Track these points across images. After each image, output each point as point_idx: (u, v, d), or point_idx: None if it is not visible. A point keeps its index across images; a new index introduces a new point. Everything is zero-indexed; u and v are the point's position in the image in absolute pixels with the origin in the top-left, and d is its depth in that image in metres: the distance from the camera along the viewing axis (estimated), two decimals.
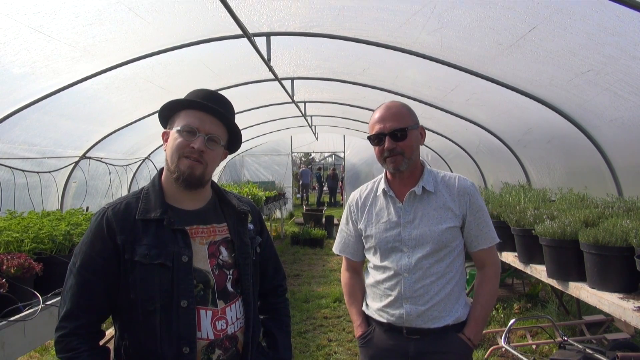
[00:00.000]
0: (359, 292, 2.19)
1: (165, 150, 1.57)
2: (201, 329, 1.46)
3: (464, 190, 1.98)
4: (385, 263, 2.00)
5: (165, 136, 1.59)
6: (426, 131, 2.08)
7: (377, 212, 2.05)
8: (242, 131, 1.70)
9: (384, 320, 2.00)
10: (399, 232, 1.96)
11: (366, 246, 2.11)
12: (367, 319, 2.11)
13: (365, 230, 2.08)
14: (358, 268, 2.23)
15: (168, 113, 1.59)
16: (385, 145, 1.93)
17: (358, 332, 2.11)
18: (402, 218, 1.97)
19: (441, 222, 1.93)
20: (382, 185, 2.06)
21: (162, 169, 1.61)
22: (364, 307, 2.14)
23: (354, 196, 2.17)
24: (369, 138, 2.01)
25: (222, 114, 1.56)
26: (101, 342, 1.48)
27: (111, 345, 1.52)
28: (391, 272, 1.97)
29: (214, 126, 1.55)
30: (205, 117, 1.54)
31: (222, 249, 1.58)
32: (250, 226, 1.69)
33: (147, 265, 1.43)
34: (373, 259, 2.07)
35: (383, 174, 2.10)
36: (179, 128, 1.52)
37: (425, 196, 1.97)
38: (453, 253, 1.96)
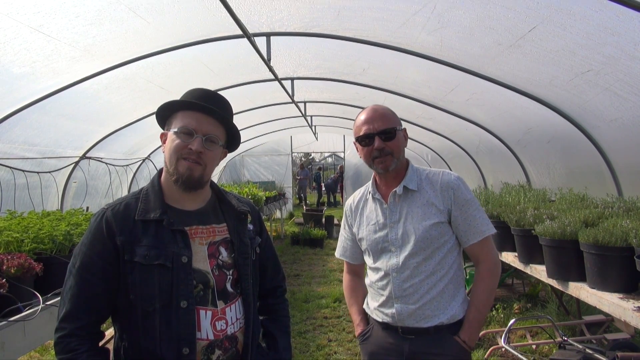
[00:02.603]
0: (359, 293, 2.22)
1: (163, 152, 1.56)
2: (201, 329, 1.46)
3: (447, 184, 1.96)
4: (377, 264, 2.03)
5: (163, 138, 1.58)
6: (426, 131, 2.10)
7: (367, 214, 2.09)
8: (242, 131, 1.70)
9: (380, 320, 2.03)
10: (387, 232, 1.99)
11: (361, 249, 2.15)
12: (367, 318, 2.15)
13: (358, 233, 2.12)
14: (358, 271, 2.26)
15: (165, 114, 1.58)
16: (375, 145, 1.94)
17: (358, 330, 2.15)
18: (389, 219, 1.99)
19: (425, 219, 1.92)
20: (371, 188, 2.09)
21: (161, 170, 1.61)
22: (364, 306, 2.17)
23: (349, 201, 2.22)
24: (357, 139, 2.01)
25: (219, 113, 1.55)
26: (101, 343, 1.48)
27: (111, 346, 1.52)
28: (382, 273, 2.00)
29: (211, 126, 1.54)
30: (203, 118, 1.52)
31: (222, 249, 1.58)
32: (250, 226, 1.70)
33: (146, 266, 1.43)
34: (368, 261, 2.11)
35: (372, 177, 2.12)
36: (176, 130, 1.51)
37: (410, 195, 1.98)
38: (442, 249, 1.94)
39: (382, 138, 1.93)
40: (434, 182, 1.99)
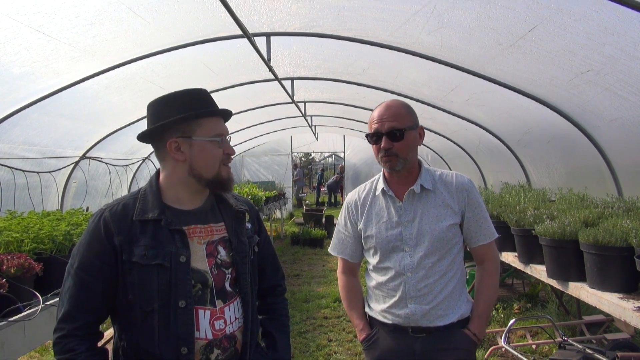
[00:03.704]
0: (358, 296, 2.18)
1: (181, 160, 1.51)
2: (199, 328, 1.46)
3: (461, 186, 1.99)
4: (387, 263, 1.99)
5: (179, 145, 1.51)
6: (426, 131, 2.09)
7: (377, 212, 2.04)
8: (242, 131, 1.76)
9: (389, 322, 1.99)
10: (400, 231, 1.96)
11: (366, 247, 2.09)
12: (370, 321, 2.10)
13: (365, 231, 2.06)
14: (355, 270, 2.23)
15: (182, 122, 1.51)
16: (382, 145, 1.93)
17: (362, 335, 2.09)
18: (403, 217, 1.97)
19: (441, 220, 1.94)
20: (381, 184, 2.05)
21: (158, 170, 1.61)
22: (366, 309, 2.12)
23: (352, 197, 2.16)
24: (367, 136, 2.01)
25: (230, 115, 1.62)
26: (100, 343, 1.48)
27: (110, 346, 1.52)
28: (393, 273, 1.97)
29: (226, 127, 1.62)
30: (222, 121, 1.60)
31: (220, 249, 1.58)
32: (248, 225, 1.69)
33: (144, 266, 1.43)
34: (373, 260, 2.05)
35: (381, 174, 2.09)
36: (213, 138, 1.53)
37: (424, 194, 1.98)
38: (454, 250, 1.96)
39: (390, 138, 1.91)
40: (449, 184, 2.00)
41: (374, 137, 1.96)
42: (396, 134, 1.91)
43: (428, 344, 1.94)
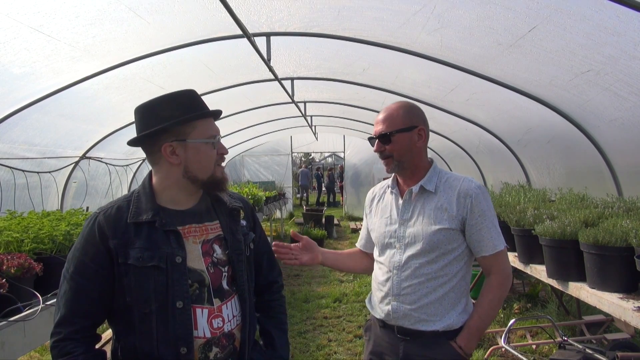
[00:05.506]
0: (357, 258, 2.34)
1: (176, 164, 1.50)
2: (198, 327, 1.47)
3: (465, 192, 1.90)
4: (382, 258, 2.04)
5: (174, 149, 1.50)
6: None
7: (382, 208, 2.11)
8: (242, 131, 1.75)
9: (378, 317, 2.04)
10: (395, 229, 1.99)
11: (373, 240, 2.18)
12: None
13: (370, 224, 2.15)
14: (370, 254, 2.27)
15: (175, 124, 1.50)
16: (374, 148, 2.02)
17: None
18: (400, 215, 1.99)
19: (435, 223, 1.89)
20: (390, 182, 2.12)
21: (151, 172, 1.60)
22: (366, 301, 2.19)
23: (371, 192, 2.26)
24: (369, 139, 2.10)
25: (220, 115, 1.61)
26: (98, 345, 1.48)
27: (108, 348, 1.52)
28: (385, 268, 2.01)
29: (217, 127, 1.62)
30: (213, 121, 1.60)
31: (216, 247, 1.58)
32: (243, 222, 1.70)
33: (140, 268, 1.43)
34: (375, 254, 2.13)
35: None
36: (208, 139, 1.53)
37: (425, 195, 1.96)
38: (448, 256, 1.89)
39: (381, 141, 1.98)
40: (453, 188, 1.94)
41: (371, 141, 2.05)
42: (384, 137, 1.96)
43: (410, 349, 1.91)
